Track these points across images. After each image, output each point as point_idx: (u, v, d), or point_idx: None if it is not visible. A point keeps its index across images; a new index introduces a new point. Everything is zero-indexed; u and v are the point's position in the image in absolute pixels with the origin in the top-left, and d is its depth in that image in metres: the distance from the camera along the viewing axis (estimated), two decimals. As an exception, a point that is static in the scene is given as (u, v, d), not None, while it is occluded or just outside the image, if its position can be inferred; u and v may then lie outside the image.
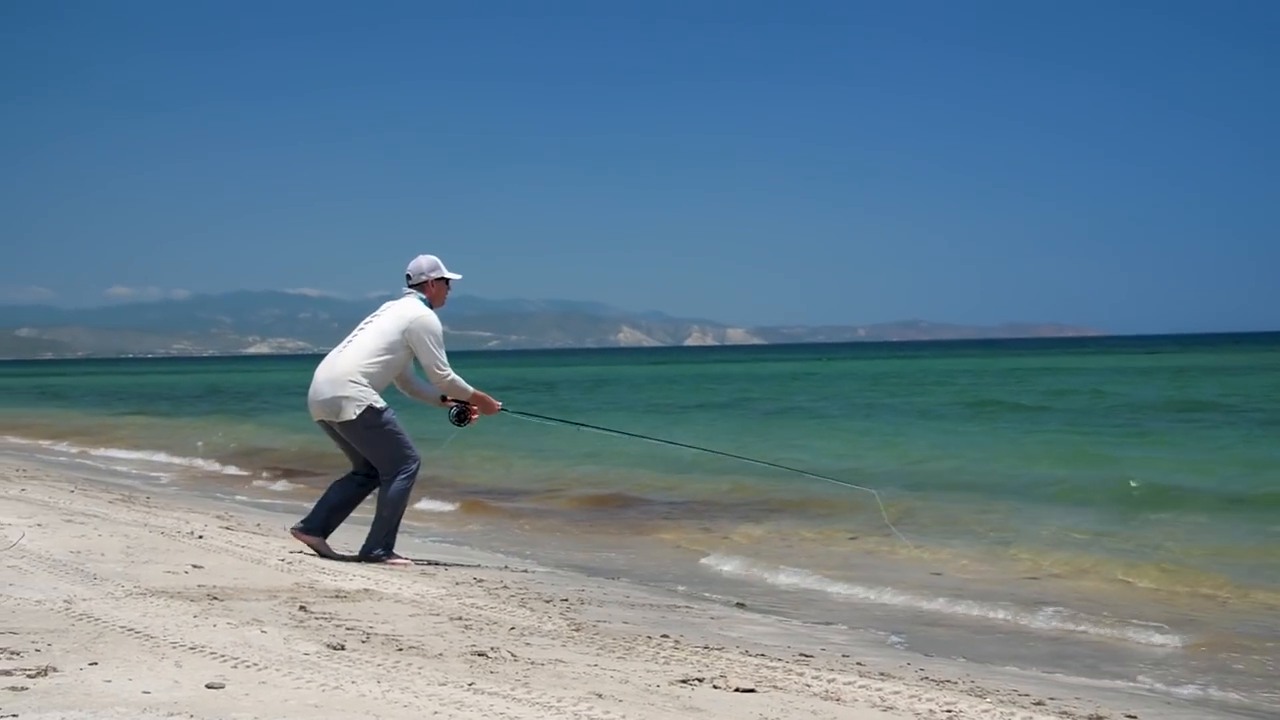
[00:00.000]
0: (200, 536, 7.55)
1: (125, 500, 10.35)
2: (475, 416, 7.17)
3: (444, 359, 6.95)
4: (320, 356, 7.37)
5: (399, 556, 7.08)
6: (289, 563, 6.60)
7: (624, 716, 3.58)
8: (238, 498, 13.32)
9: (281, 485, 15.74)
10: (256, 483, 16.06)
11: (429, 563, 7.38)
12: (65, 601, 4.87)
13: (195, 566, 6.13)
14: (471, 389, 7.07)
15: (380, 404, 6.82)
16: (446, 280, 7.26)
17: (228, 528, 8.48)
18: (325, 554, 7.01)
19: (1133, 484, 12.26)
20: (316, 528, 7.05)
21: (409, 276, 7.17)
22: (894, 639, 6.35)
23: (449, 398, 7.12)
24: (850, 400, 32.16)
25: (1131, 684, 5.45)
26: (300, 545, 7.14)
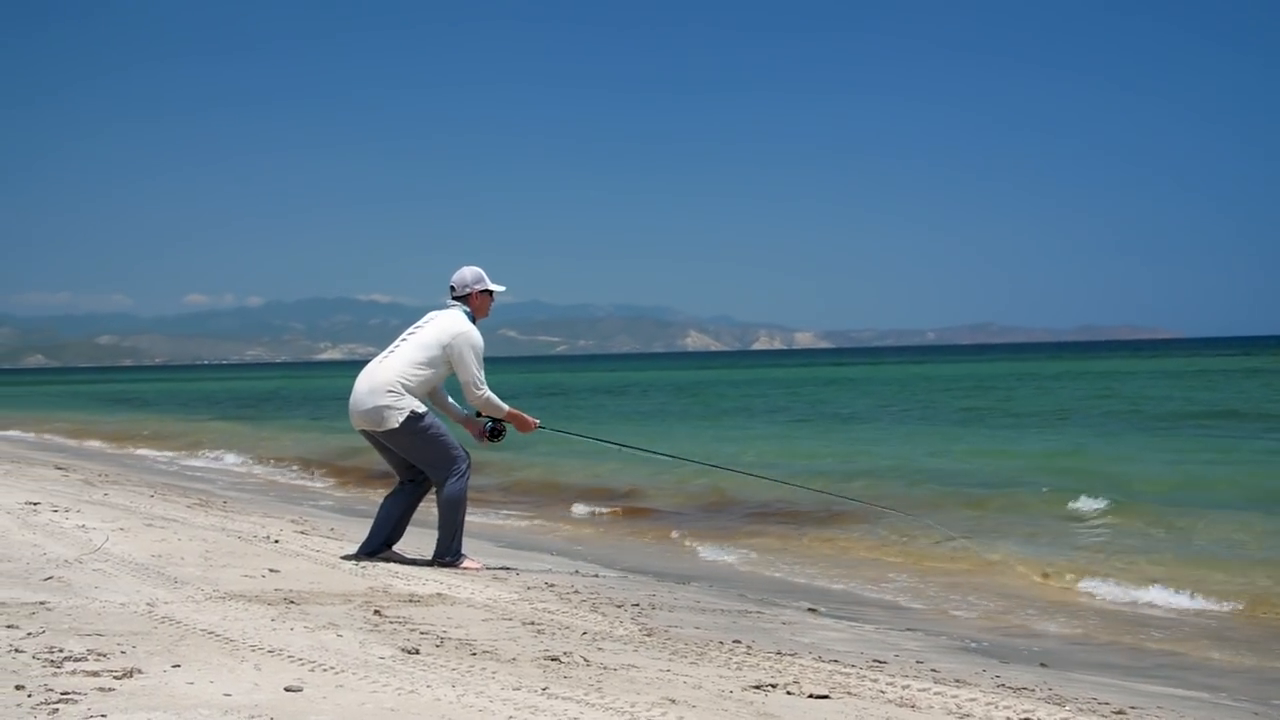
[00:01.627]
0: (276, 541, 7.66)
1: (203, 505, 10.54)
2: (500, 428, 7.17)
3: (482, 377, 6.93)
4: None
5: (470, 560, 7.13)
6: (363, 567, 6.68)
7: (697, 722, 3.57)
8: (313, 503, 13.50)
9: (353, 490, 15.94)
10: (330, 487, 16.28)
11: (501, 567, 7.43)
12: (148, 604, 4.97)
13: (272, 571, 6.22)
14: (507, 407, 7.07)
15: (421, 409, 6.83)
16: (490, 292, 7.22)
17: (302, 532, 8.61)
18: (397, 560, 7.08)
19: None
20: (378, 547, 7.11)
21: (453, 288, 7.15)
22: (969, 645, 6.26)
23: (483, 414, 7.13)
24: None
25: (1214, 695, 5.33)
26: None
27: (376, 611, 5.19)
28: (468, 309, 7.09)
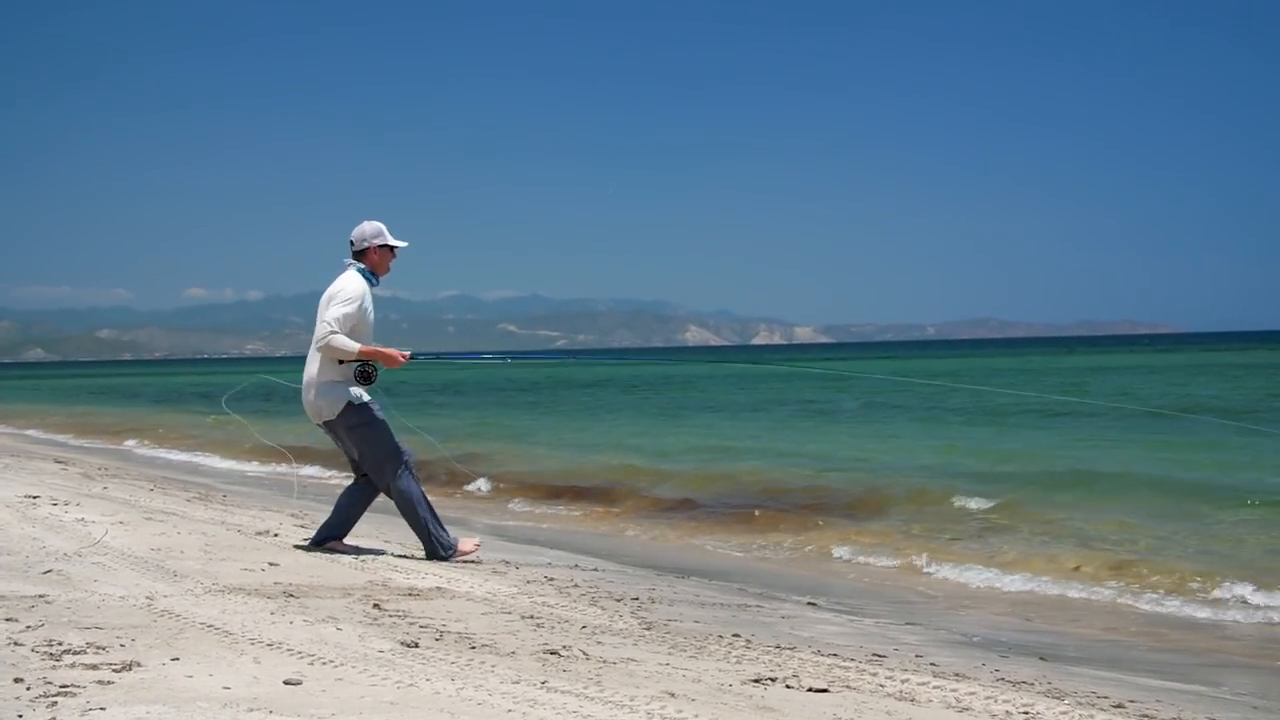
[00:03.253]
0: (275, 534, 7.66)
1: (202, 499, 10.54)
2: (369, 370, 6.75)
3: (335, 320, 6.54)
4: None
5: (464, 543, 7.05)
6: (363, 561, 6.68)
7: (697, 716, 3.57)
8: (313, 496, 13.49)
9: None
10: (329, 480, 16.27)
11: (500, 561, 7.43)
12: (147, 598, 4.97)
13: (271, 564, 6.22)
14: (357, 346, 6.58)
15: (360, 399, 6.69)
16: (391, 248, 6.92)
17: (302, 526, 8.60)
18: (341, 550, 6.97)
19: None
20: (324, 538, 7.01)
21: (351, 244, 6.87)
22: (968, 639, 6.26)
23: (339, 359, 6.67)
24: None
25: (1214, 690, 5.33)
26: (371, 544, 7.21)
27: (376, 605, 5.19)
28: (362, 266, 6.82)
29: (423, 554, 7.02)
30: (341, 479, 16.32)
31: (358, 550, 6.98)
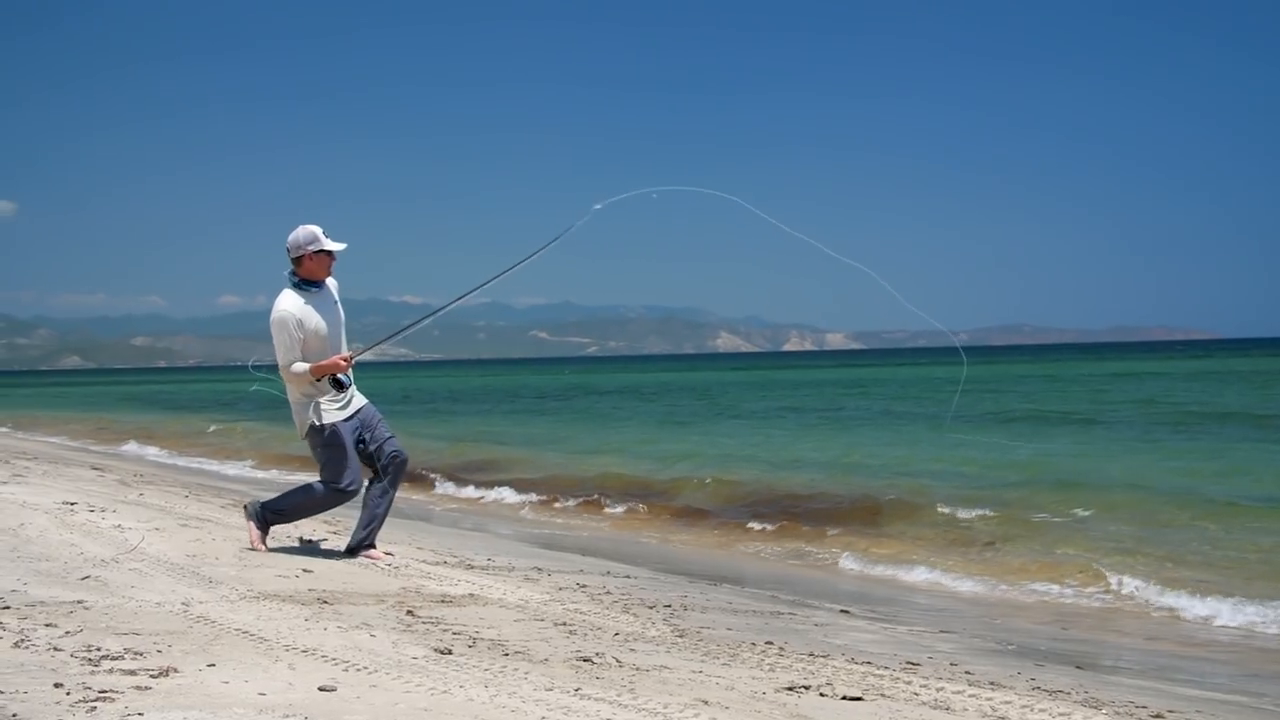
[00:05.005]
0: (309, 541, 7.70)
1: (236, 505, 10.59)
2: (342, 379, 6.67)
3: (287, 355, 6.54)
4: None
5: (258, 543, 6.94)
6: (395, 567, 6.70)
7: (731, 724, 3.56)
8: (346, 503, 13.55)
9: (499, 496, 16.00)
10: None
11: (533, 568, 7.43)
12: (183, 604, 5.00)
13: (305, 571, 6.25)
14: (306, 367, 6.55)
15: (321, 422, 6.66)
16: (328, 253, 6.72)
17: (335, 533, 8.64)
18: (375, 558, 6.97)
19: None
20: (361, 542, 7.02)
21: (288, 251, 6.70)
22: (1003, 647, 6.22)
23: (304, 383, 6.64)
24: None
25: (1257, 700, 5.27)
26: (404, 552, 7.23)
27: (409, 612, 5.20)
28: (297, 277, 6.69)
29: (455, 560, 7.04)
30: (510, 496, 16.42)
31: (390, 556, 7.00)
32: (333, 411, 6.67)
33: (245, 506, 7.07)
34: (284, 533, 8.03)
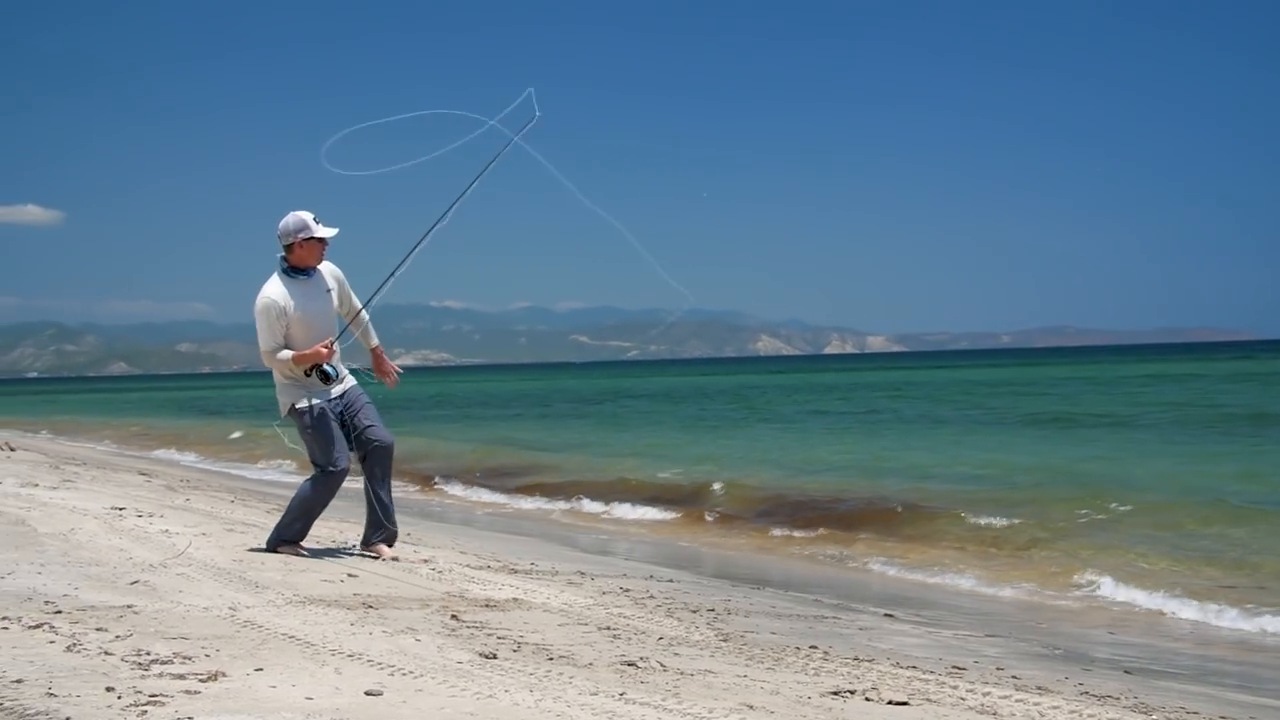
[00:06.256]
0: (353, 546, 7.75)
1: (281, 510, 10.68)
2: (328, 370, 6.67)
3: (269, 342, 6.58)
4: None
5: (286, 550, 6.91)
6: (440, 572, 6.73)
7: (776, 729, 3.54)
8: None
9: (430, 494, 16.12)
10: (406, 493, 16.47)
11: (576, 572, 7.45)
12: (230, 608, 5.04)
13: (350, 575, 6.29)
14: (289, 355, 6.58)
15: (303, 404, 6.67)
16: (319, 239, 6.70)
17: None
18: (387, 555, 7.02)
19: None
20: (371, 537, 7.10)
21: (279, 239, 6.70)
22: (1050, 651, 6.15)
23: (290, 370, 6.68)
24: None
25: (1309, 703, 5.18)
26: (447, 556, 7.27)
27: (454, 616, 5.22)
28: (286, 264, 6.71)
29: (498, 564, 7.06)
30: (410, 491, 16.54)
31: (395, 560, 6.99)
32: (318, 394, 6.68)
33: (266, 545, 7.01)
34: (328, 537, 8.09)
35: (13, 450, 17.59)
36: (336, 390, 6.78)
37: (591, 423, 31.32)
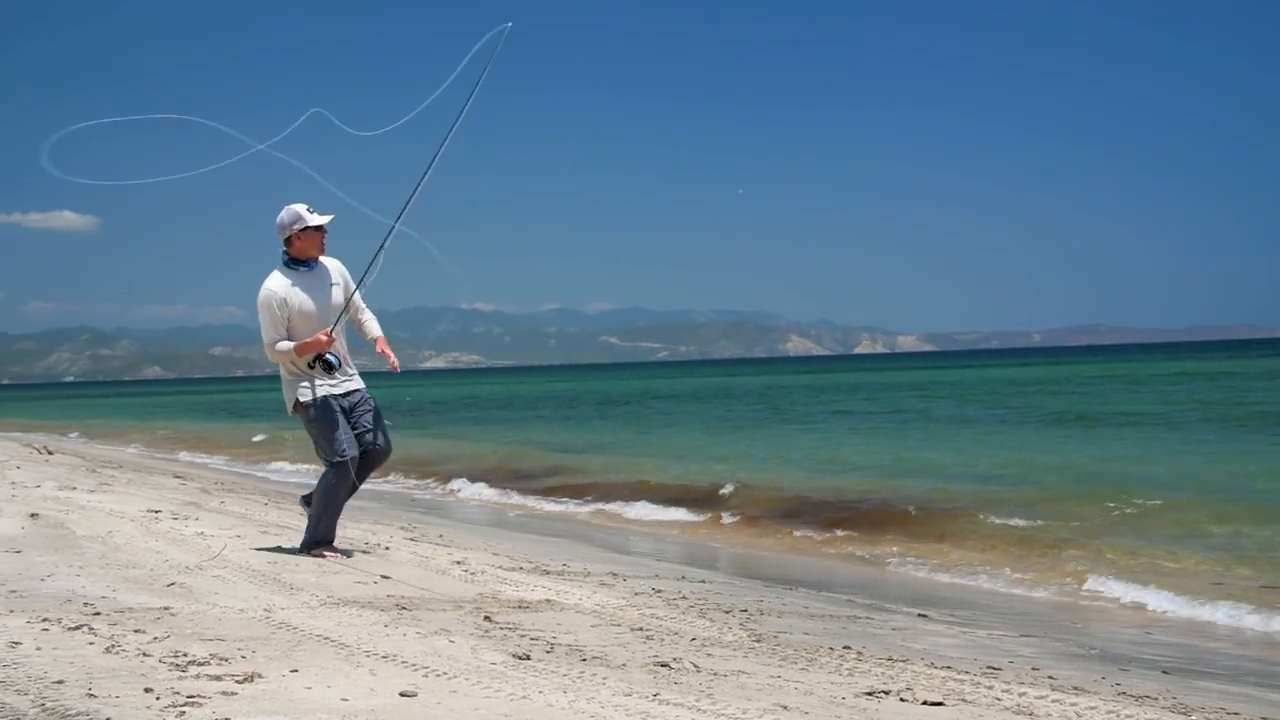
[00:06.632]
0: (386, 548, 7.79)
1: (315, 512, 10.75)
2: (329, 359, 6.65)
3: (271, 335, 6.60)
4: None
5: (327, 551, 6.91)
6: (472, 574, 6.75)
7: (810, 730, 3.53)
8: (421, 510, 13.71)
9: (474, 493, 16.19)
10: (437, 495, 16.54)
11: (608, 573, 7.45)
12: (265, 610, 5.08)
13: (384, 577, 6.32)
14: (289, 346, 6.60)
15: (306, 398, 6.67)
16: (315, 228, 6.71)
17: (412, 539, 8.74)
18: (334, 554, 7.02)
19: None
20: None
21: (278, 234, 6.75)
22: (1085, 651, 6.10)
23: (293, 363, 6.68)
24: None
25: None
26: (479, 557, 7.29)
27: (487, 617, 5.24)
28: (288, 257, 6.73)
29: (530, 566, 7.08)
30: (439, 492, 16.60)
31: (339, 555, 6.96)
32: (323, 387, 6.68)
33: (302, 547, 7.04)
34: (360, 539, 8.13)
35: (51, 454, 17.79)
36: (343, 388, 6.76)
37: (618, 424, 31.38)
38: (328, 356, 6.64)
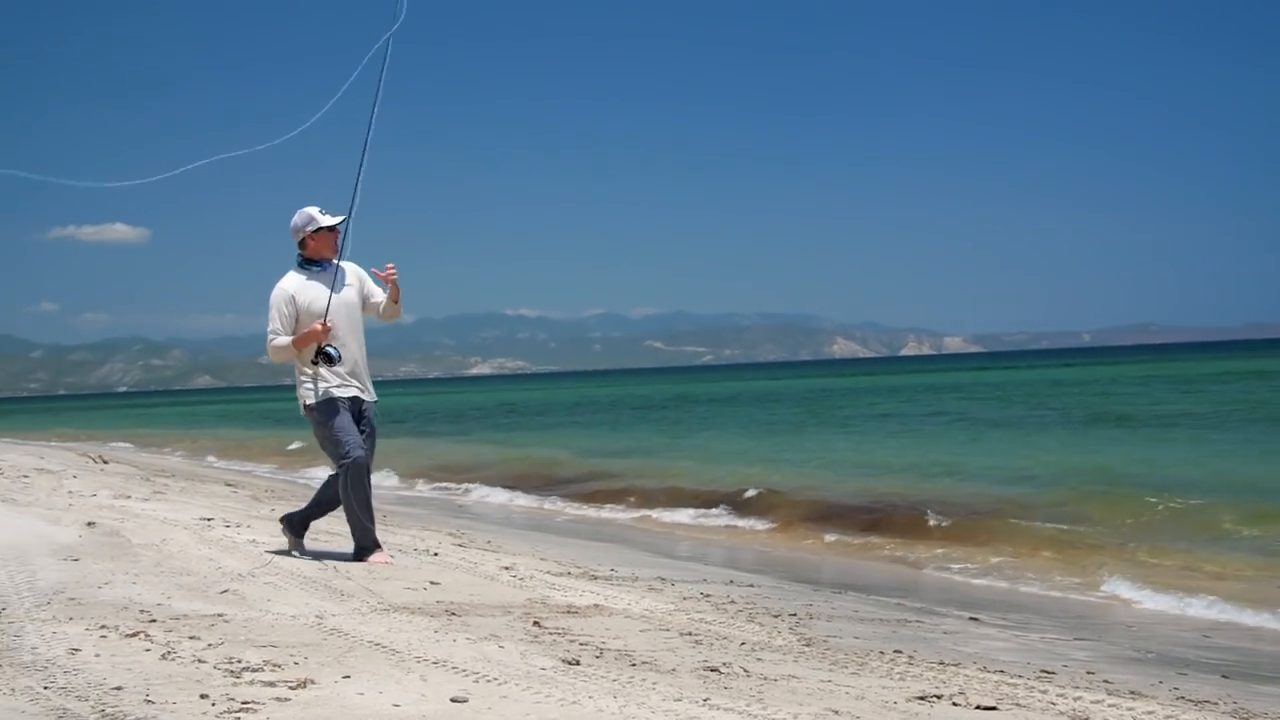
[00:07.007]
0: (435, 554, 7.83)
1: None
2: (329, 351, 6.64)
3: (273, 327, 6.66)
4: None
5: (378, 554, 6.95)
6: (521, 579, 6.77)
7: (862, 735, 3.51)
8: (469, 515, 13.77)
9: (507, 499, 16.25)
10: (483, 499, 16.61)
11: (656, 578, 7.45)
12: (317, 617, 5.12)
13: (433, 583, 6.35)
14: (288, 340, 6.67)
15: (312, 400, 6.71)
16: (328, 228, 6.79)
17: (460, 545, 8.78)
18: (298, 550, 7.14)
19: None
20: (295, 524, 7.22)
21: (292, 237, 6.85)
22: (1142, 655, 6.02)
23: (292, 359, 6.76)
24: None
25: None
26: (527, 563, 7.31)
27: (536, 623, 5.25)
28: (301, 258, 6.82)
29: (578, 571, 7.09)
30: (480, 497, 16.66)
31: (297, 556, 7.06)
32: (331, 388, 6.70)
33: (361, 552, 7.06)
34: (409, 545, 8.18)
35: (106, 463, 18.06)
36: (347, 393, 6.77)
37: (658, 428, 31.36)
38: (327, 349, 6.64)
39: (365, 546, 6.95)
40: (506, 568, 7.26)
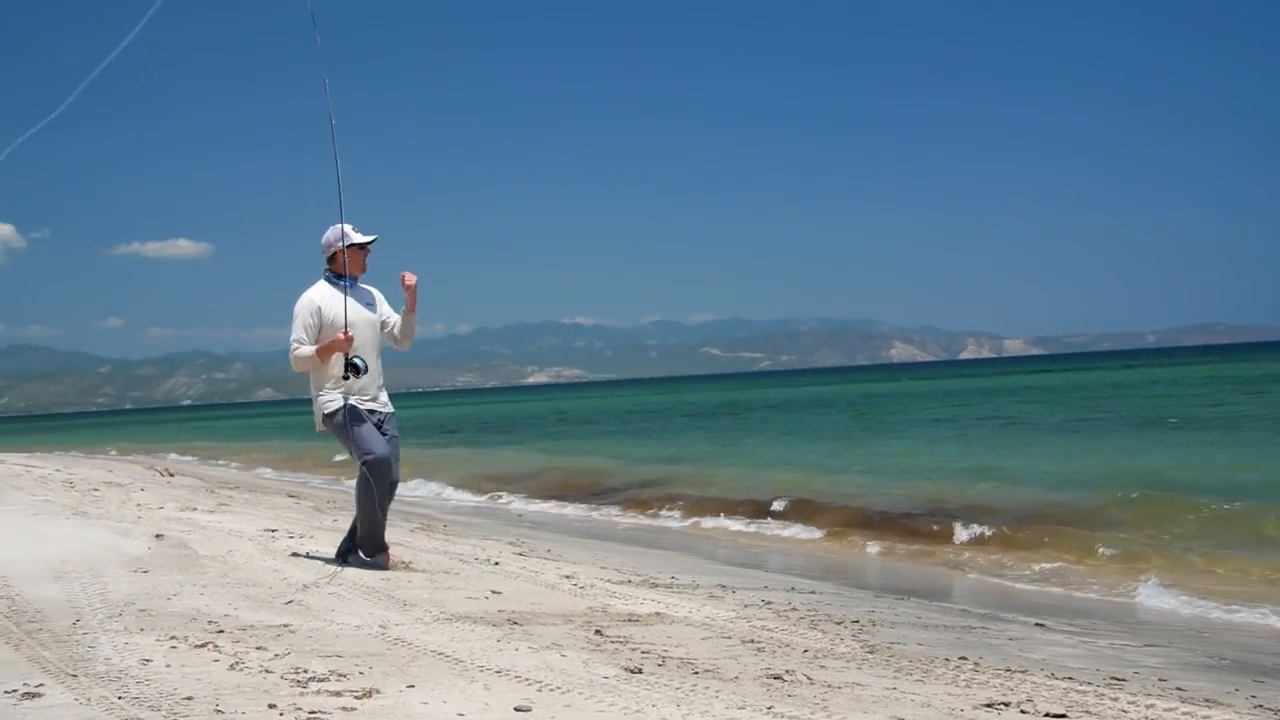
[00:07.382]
0: (496, 563, 7.86)
1: (425, 529, 10.91)
2: (355, 362, 6.65)
3: (296, 336, 6.70)
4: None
5: (388, 554, 6.97)
6: (581, 588, 6.78)
7: (929, 743, 3.47)
8: (529, 525, 13.82)
9: (571, 509, 16.28)
10: (545, 508, 16.65)
11: (717, 585, 7.42)
12: (380, 626, 5.16)
13: (494, 592, 6.38)
14: (311, 350, 6.69)
15: (330, 408, 6.73)
16: (360, 245, 6.84)
17: (520, 554, 8.81)
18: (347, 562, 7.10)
19: None
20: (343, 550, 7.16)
21: (323, 253, 6.90)
22: (1216, 662, 5.90)
23: (314, 368, 6.78)
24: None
25: None
26: (588, 571, 7.31)
27: (598, 631, 5.25)
28: (330, 272, 6.86)
29: (638, 579, 7.08)
30: (532, 505, 16.71)
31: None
32: (352, 398, 6.72)
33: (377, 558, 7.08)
34: (470, 554, 8.22)
35: (172, 476, 18.34)
36: (369, 405, 6.81)
37: (708, 435, 31.26)
38: (354, 359, 6.67)
39: (376, 546, 6.98)
40: (567, 576, 7.27)
